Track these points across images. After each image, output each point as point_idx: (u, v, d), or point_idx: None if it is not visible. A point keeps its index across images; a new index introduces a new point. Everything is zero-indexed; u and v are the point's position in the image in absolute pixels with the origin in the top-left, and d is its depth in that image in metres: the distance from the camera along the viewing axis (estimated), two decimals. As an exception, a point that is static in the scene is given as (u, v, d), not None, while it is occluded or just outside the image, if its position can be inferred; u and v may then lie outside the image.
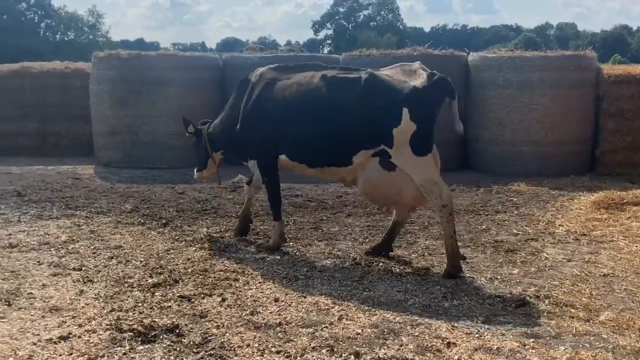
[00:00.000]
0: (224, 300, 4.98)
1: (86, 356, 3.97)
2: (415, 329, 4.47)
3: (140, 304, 4.87)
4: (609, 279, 5.65)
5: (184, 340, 4.24)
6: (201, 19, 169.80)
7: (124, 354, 4.03)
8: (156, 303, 4.90)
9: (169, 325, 4.43)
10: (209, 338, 4.27)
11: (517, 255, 6.36)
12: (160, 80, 11.84)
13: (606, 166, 11.48)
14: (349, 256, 6.21)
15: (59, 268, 5.74)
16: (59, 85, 13.88)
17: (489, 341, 4.25)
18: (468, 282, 5.54)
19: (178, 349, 4.12)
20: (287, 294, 5.13)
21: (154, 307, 4.83)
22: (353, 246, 6.61)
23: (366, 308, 4.85)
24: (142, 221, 7.59)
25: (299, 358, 4.01)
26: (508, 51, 12.47)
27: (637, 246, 6.56)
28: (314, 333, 4.36)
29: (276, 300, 4.98)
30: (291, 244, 6.66)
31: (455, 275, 5.62)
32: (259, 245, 6.61)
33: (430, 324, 4.56)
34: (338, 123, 5.83)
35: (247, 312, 4.72)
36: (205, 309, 4.80)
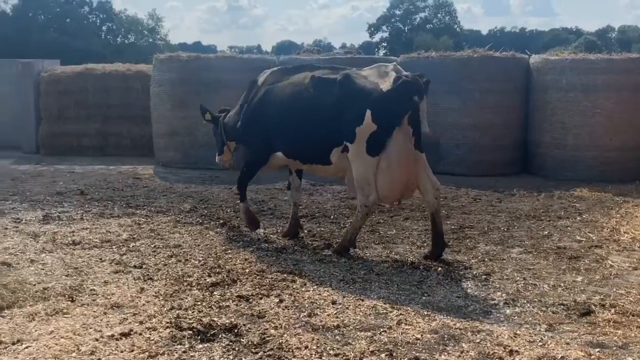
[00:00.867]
0: (281, 301, 4.97)
1: (147, 353, 4.02)
2: (476, 335, 4.37)
3: (199, 303, 4.91)
4: (679, 289, 5.42)
5: (242, 340, 4.25)
6: (257, 22, 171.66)
7: (184, 352, 4.06)
8: (215, 302, 4.93)
9: (227, 325, 4.45)
10: (267, 339, 4.27)
11: (580, 262, 6.17)
12: (219, 82, 11.95)
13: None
14: (407, 260, 6.13)
15: (120, 265, 5.84)
16: (120, 87, 14.18)
17: (553, 350, 4.12)
18: (530, 288, 5.39)
19: (237, 348, 4.13)
20: (344, 297, 5.09)
21: (213, 306, 4.86)
22: (411, 250, 6.53)
23: (425, 313, 4.77)
24: (201, 221, 7.67)
25: (357, 362, 3.97)
26: (571, 54, 12.16)
27: None
28: (372, 337, 4.31)
29: (334, 303, 4.95)
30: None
31: (341, 254, 6.20)
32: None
33: (492, 330, 4.46)
34: (316, 122, 6.27)
35: (305, 314, 4.71)
36: (263, 309, 4.80)
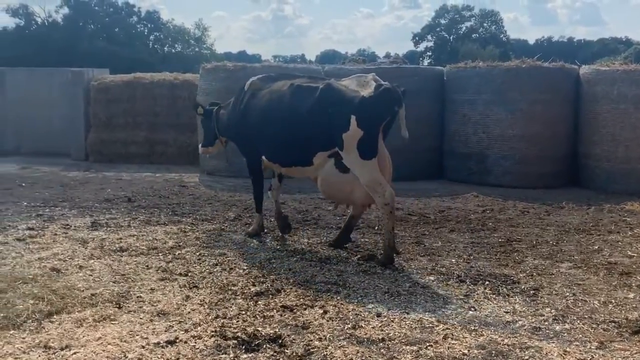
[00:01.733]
0: (325, 312, 4.94)
1: (192, 362, 4.03)
2: (524, 352, 4.27)
3: (243, 312, 4.91)
4: None
5: (286, 351, 4.23)
6: (302, 31, 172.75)
7: (228, 361, 4.07)
8: (259, 312, 4.93)
9: (271, 335, 4.44)
10: (311, 350, 4.24)
11: (632, 278, 5.99)
12: (264, 91, 12.01)
13: None
14: (453, 273, 6.03)
15: (166, 273, 5.90)
16: (167, 96, 14.41)
17: (605, 370, 4.00)
18: (580, 305, 5.26)
19: (281, 359, 4.11)
20: (389, 309, 5.04)
21: (257, 315, 4.86)
22: (457, 263, 6.43)
23: (472, 328, 4.69)
24: (245, 229, 7.69)
25: (403, 376, 3.91)
26: (622, 64, 11.88)
27: None
28: (418, 351, 4.25)
29: (378, 315, 4.90)
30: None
31: (387, 265, 6.22)
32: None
33: (541, 347, 4.35)
34: (300, 127, 6.53)
35: (349, 326, 4.67)
36: (307, 320, 4.78)
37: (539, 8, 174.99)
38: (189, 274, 5.88)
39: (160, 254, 6.53)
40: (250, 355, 4.17)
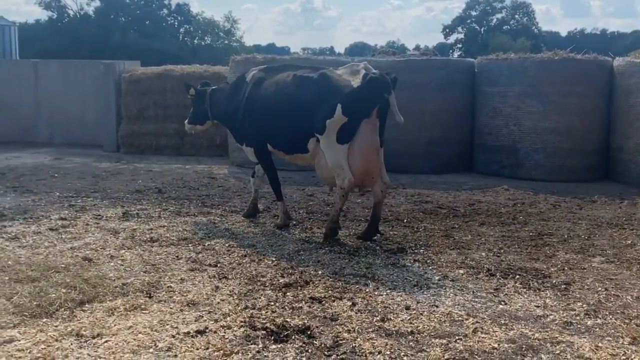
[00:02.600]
0: (354, 304, 4.94)
1: (222, 351, 4.06)
2: (555, 347, 4.22)
3: (272, 303, 4.93)
4: None
5: (315, 342, 4.23)
6: (331, 23, 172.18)
7: (258, 352, 4.08)
8: (288, 303, 4.94)
9: (300, 326, 4.45)
10: (340, 342, 4.24)
11: (667, 274, 5.89)
12: (294, 84, 12.02)
13: None
14: (483, 267, 5.98)
15: (196, 263, 5.94)
16: (197, 88, 14.45)
17: (639, 366, 3.94)
18: (612, 299, 5.18)
19: (310, 350, 4.11)
20: (418, 302, 5.02)
21: (286, 307, 4.87)
22: (487, 256, 6.37)
23: (502, 322, 4.64)
24: (274, 222, 7.71)
25: (432, 369, 3.89)
26: (657, 56, 11.65)
27: None
28: (447, 344, 4.22)
29: (407, 308, 4.88)
30: (421, 250, 6.53)
31: (330, 236, 6.81)
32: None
33: (572, 342, 4.30)
34: (297, 115, 6.87)
35: (378, 318, 4.66)
36: (335, 312, 4.78)
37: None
38: (219, 265, 5.91)
39: (190, 245, 6.58)
40: (279, 345, 4.18)
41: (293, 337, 4.31)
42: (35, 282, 5.17)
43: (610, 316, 4.81)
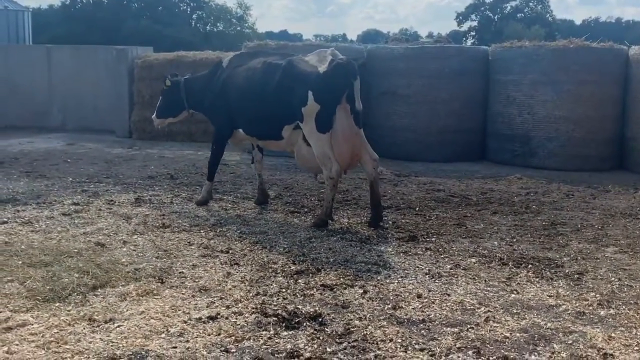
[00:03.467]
0: (365, 292, 4.93)
1: (233, 337, 4.07)
2: (568, 336, 4.21)
3: (284, 290, 4.94)
4: None
5: (326, 329, 4.24)
6: (343, 10, 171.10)
7: (269, 338, 4.09)
8: (299, 290, 4.95)
9: (311, 313, 4.45)
10: (351, 329, 4.24)
11: (681, 265, 5.84)
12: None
13: None
14: (496, 256, 5.95)
15: (207, 250, 5.95)
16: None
17: (651, 356, 3.91)
18: (626, 290, 5.14)
19: (321, 337, 4.12)
20: (430, 291, 5.01)
21: (297, 294, 4.87)
22: (500, 245, 6.34)
23: (514, 311, 4.63)
24: (285, 209, 7.71)
25: (443, 357, 3.88)
26: (674, 44, 11.50)
27: None
28: (459, 333, 4.22)
29: (419, 296, 4.87)
30: (433, 239, 6.51)
31: (320, 226, 6.78)
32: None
33: (585, 332, 4.28)
34: (268, 102, 6.98)
35: (389, 306, 4.65)
36: (347, 299, 4.78)
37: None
38: (230, 251, 5.92)
39: (202, 231, 6.60)
40: (291, 332, 4.19)
41: (304, 324, 4.31)
42: (48, 267, 5.20)
43: (624, 306, 4.78)
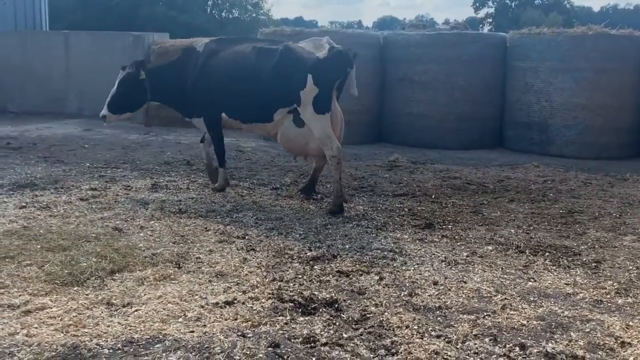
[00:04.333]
0: (381, 278, 4.93)
1: (250, 322, 4.08)
2: (585, 324, 4.19)
3: (300, 276, 4.95)
4: None
5: (342, 315, 4.24)
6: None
7: (285, 323, 4.10)
8: (315, 276, 4.95)
9: (327, 299, 4.46)
10: (367, 315, 4.24)
11: (700, 254, 5.78)
12: (322, 57, 11.94)
13: None
14: (512, 243, 5.92)
15: (224, 235, 5.97)
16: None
17: (670, 345, 3.88)
18: (644, 279, 5.11)
19: (337, 323, 4.12)
20: (446, 278, 5.00)
21: (313, 280, 4.88)
22: (516, 233, 6.31)
23: (531, 299, 4.61)
24: (300, 195, 7.71)
25: (460, 344, 3.88)
26: (695, 31, 11.35)
27: None
28: (475, 320, 4.21)
29: (435, 284, 4.86)
30: (450, 226, 6.49)
31: (337, 213, 6.84)
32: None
33: (602, 320, 4.25)
34: (262, 86, 7.03)
35: (406, 293, 4.65)
36: (363, 286, 4.78)
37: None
38: (246, 237, 5.94)
39: (218, 217, 6.62)
40: (307, 318, 4.20)
41: (320, 309, 4.32)
42: (66, 251, 5.24)
43: (642, 295, 4.75)
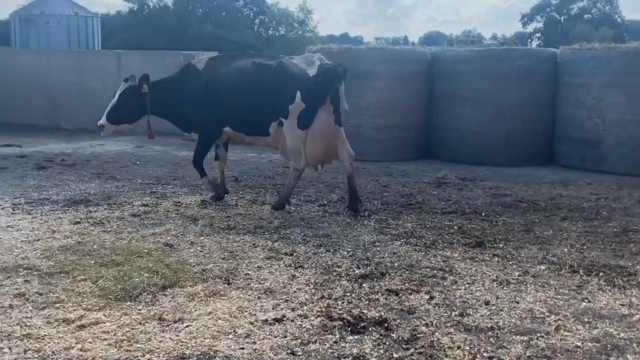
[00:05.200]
0: (431, 298, 4.88)
1: (299, 340, 4.09)
2: (643, 348, 4.06)
3: (348, 294, 4.93)
4: None
5: (392, 335, 4.21)
6: (405, 12, 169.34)
7: (335, 342, 4.09)
8: (364, 294, 4.93)
9: (377, 318, 4.43)
10: (417, 335, 4.20)
11: None
12: (369, 73, 11.96)
13: None
14: (566, 263, 5.78)
15: (272, 252, 6.00)
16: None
17: None
18: None
19: (387, 343, 4.10)
20: (498, 298, 4.91)
21: (362, 298, 4.86)
22: (569, 252, 6.16)
23: (586, 320, 4.50)
24: (348, 212, 7.68)
25: (512, 366, 3.81)
26: None
27: None
28: (529, 342, 4.12)
29: (487, 304, 4.79)
30: (501, 245, 6.39)
31: (277, 209, 7.59)
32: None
33: (661, 344, 4.12)
34: (257, 100, 7.43)
35: (457, 313, 4.59)
36: (413, 305, 4.74)
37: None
38: (294, 254, 5.95)
39: (266, 233, 6.66)
40: (356, 337, 4.18)
41: (370, 328, 4.30)
42: (119, 267, 5.34)
43: (703, 318, 4.59)
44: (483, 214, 7.72)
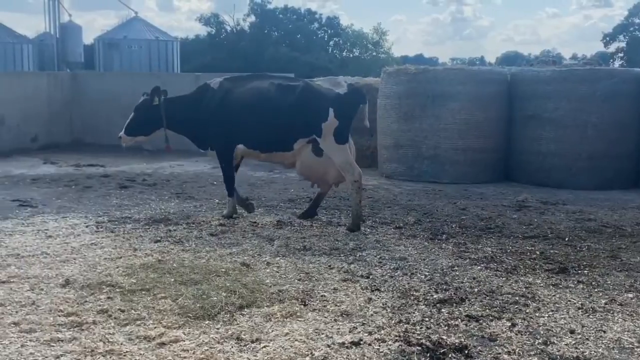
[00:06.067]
0: (514, 325, 4.72)
1: (377, 365, 4.02)
2: None
3: (427, 319, 4.83)
4: None
5: (473, 362, 4.09)
6: (482, 33, 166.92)
7: (413, 368, 4.00)
8: (443, 320, 4.82)
9: (457, 345, 4.32)
10: (499, 364, 4.07)
11: None
12: (446, 95, 11.83)
13: None
14: (656, 292, 5.52)
15: (348, 274, 5.95)
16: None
17: None
18: None
19: (467, 371, 3.97)
20: (583, 326, 4.71)
21: (441, 323, 4.75)
22: (660, 281, 5.87)
23: (681, 354, 4.25)
24: (425, 235, 7.58)
25: (602, 400, 3.62)
26: None
27: None
28: (618, 374, 3.92)
29: (572, 332, 4.59)
30: (585, 271, 6.14)
31: (354, 230, 7.60)
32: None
33: None
34: (282, 118, 7.67)
35: (540, 341, 4.42)
36: (494, 332, 4.59)
37: None
38: (371, 277, 5.89)
39: (341, 255, 6.62)
40: (435, 363, 4.08)
41: (450, 355, 4.19)
42: (198, 285, 5.41)
43: None
44: (566, 239, 7.45)
